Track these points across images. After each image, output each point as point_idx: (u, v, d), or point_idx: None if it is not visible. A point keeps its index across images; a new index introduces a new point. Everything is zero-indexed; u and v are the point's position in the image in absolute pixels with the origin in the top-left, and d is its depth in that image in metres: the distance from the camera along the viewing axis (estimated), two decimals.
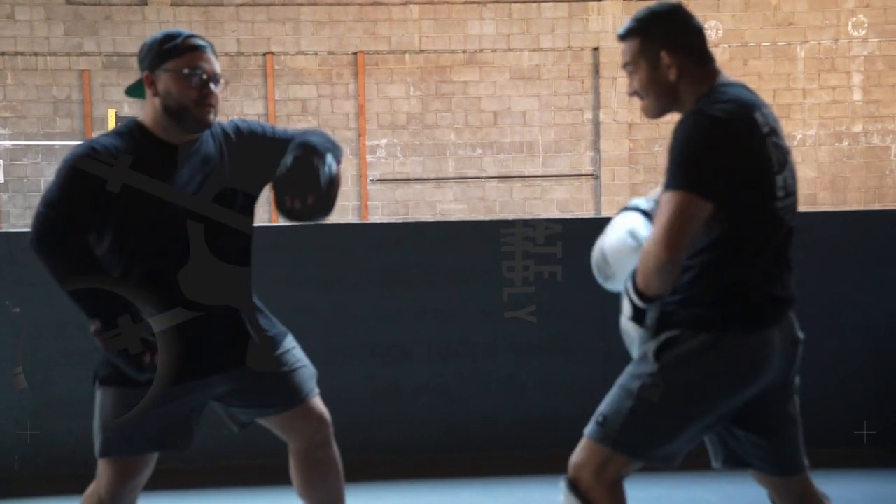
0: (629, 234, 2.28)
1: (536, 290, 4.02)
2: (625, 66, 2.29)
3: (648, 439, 2.18)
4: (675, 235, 2.02)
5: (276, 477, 3.83)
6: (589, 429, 2.24)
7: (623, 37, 2.27)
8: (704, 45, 2.25)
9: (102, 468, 2.40)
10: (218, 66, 2.40)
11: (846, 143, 11.64)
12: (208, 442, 3.41)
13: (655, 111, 2.28)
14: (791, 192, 2.21)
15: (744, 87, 2.24)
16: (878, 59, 11.60)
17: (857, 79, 11.62)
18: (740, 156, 2.09)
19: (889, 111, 11.64)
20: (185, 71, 2.31)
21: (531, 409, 4.08)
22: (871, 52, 11.61)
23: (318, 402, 2.66)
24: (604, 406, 2.24)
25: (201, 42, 2.37)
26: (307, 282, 4.04)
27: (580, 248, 4.01)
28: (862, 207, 11.18)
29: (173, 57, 2.32)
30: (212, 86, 2.35)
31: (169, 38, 2.35)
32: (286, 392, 2.57)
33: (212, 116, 2.38)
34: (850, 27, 11.56)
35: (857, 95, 11.62)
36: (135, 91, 2.45)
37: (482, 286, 4.06)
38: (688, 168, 2.07)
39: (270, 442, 2.87)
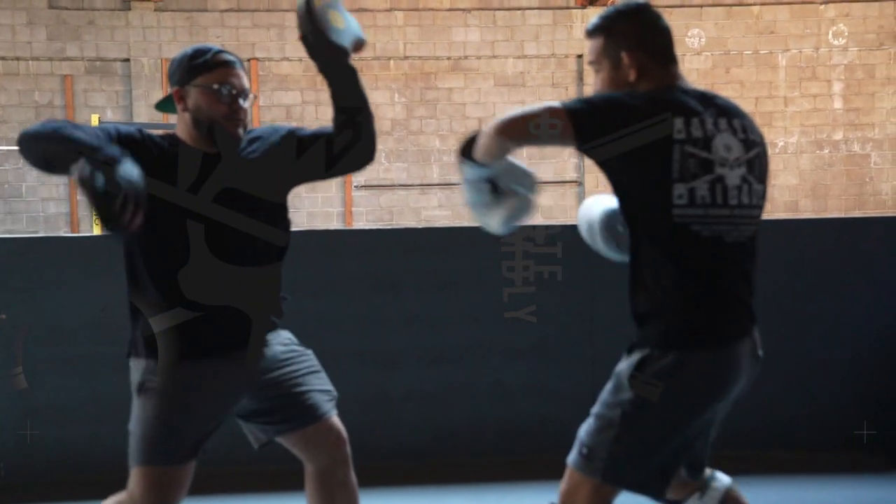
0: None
1: (534, 291, 4.04)
2: (590, 63, 2.28)
3: (637, 466, 2.14)
4: (518, 124, 2.11)
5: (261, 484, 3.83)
6: (573, 459, 2.19)
7: (590, 34, 2.26)
8: (669, 45, 2.22)
9: (141, 478, 2.33)
10: (247, 81, 2.42)
11: (827, 151, 11.75)
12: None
13: None
14: (711, 204, 2.10)
15: (699, 95, 2.18)
16: (857, 67, 11.73)
17: (837, 87, 11.74)
18: (634, 139, 2.06)
19: (869, 119, 11.77)
20: (215, 86, 2.33)
21: (519, 414, 4.09)
22: (850, 61, 11.74)
23: (337, 422, 2.63)
24: (585, 437, 2.18)
25: (230, 57, 2.39)
26: (295, 287, 4.02)
27: (574, 254, 4.04)
28: (842, 215, 11.29)
29: (203, 72, 2.34)
30: (241, 101, 2.37)
31: (199, 53, 2.36)
32: (303, 409, 2.55)
33: (241, 131, 2.39)
34: (830, 36, 11.69)
35: (838, 104, 11.74)
36: (165, 106, 2.45)
37: (470, 292, 4.07)
38: (583, 103, 2.09)
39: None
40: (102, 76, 11.16)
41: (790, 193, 11.75)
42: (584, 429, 2.21)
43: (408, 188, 11.65)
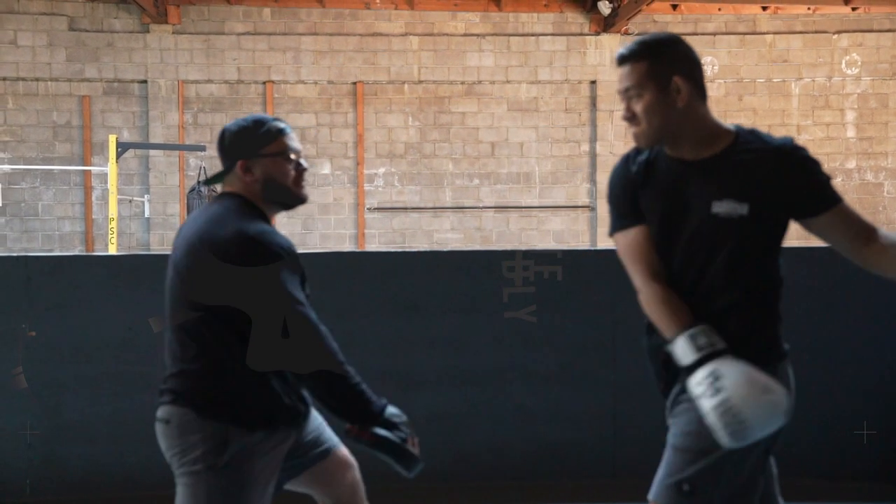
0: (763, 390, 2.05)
1: (538, 322, 4.05)
2: (626, 89, 2.18)
3: (741, 496, 2.14)
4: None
5: None
6: (667, 498, 2.12)
7: (626, 59, 2.18)
8: (704, 82, 2.23)
9: None
10: (300, 144, 2.51)
11: (840, 180, 11.77)
12: None
13: (651, 138, 2.18)
14: None
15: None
16: (870, 97, 11.78)
17: (850, 116, 11.78)
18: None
19: (881, 148, 11.80)
20: (283, 153, 2.40)
21: (541, 438, 4.09)
22: (863, 91, 11.78)
23: (345, 450, 2.67)
24: (679, 473, 2.12)
25: (286, 124, 2.47)
26: (318, 309, 4.05)
27: (584, 280, 4.06)
28: None
29: (268, 142, 2.41)
30: (303, 163, 2.46)
31: (259, 123, 2.42)
32: (319, 443, 2.59)
33: (306, 193, 2.49)
34: (843, 65, 11.74)
35: (851, 132, 11.78)
36: (217, 179, 2.49)
37: (493, 316, 4.08)
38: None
39: None
40: (120, 97, 11.27)
41: None
42: (677, 464, 2.14)
43: (420, 211, 11.70)
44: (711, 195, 2.13)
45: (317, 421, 2.62)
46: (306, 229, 11.61)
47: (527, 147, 11.74)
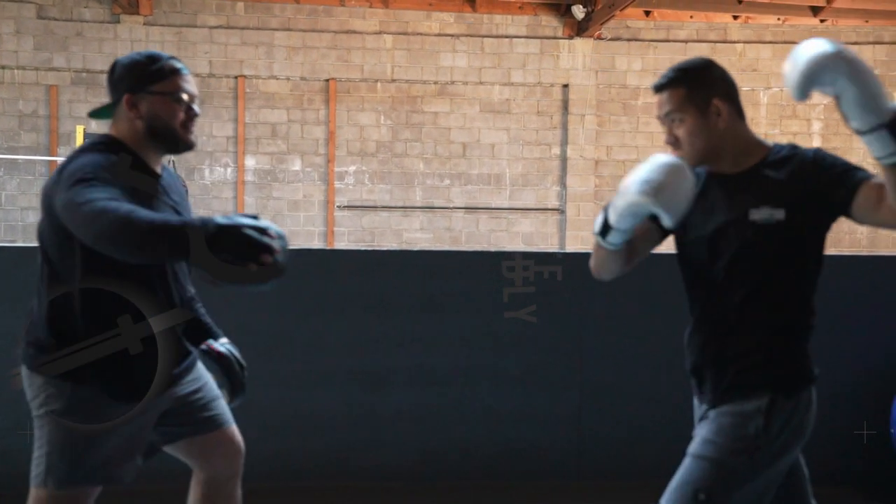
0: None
1: (504, 324, 4.06)
2: (666, 114, 2.26)
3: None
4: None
5: None
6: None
7: (664, 87, 2.26)
8: (740, 99, 2.30)
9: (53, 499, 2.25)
10: (196, 87, 2.42)
11: None
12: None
13: (695, 160, 2.26)
14: None
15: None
16: (836, 108, 11.92)
17: (816, 126, 11.95)
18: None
19: (846, 159, 11.95)
20: (173, 93, 2.31)
21: (508, 439, 4.10)
22: (830, 101, 11.91)
23: (237, 434, 2.63)
24: (699, 482, 2.14)
25: (181, 64, 2.38)
26: (285, 307, 4.03)
27: (551, 282, 4.08)
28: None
29: (159, 79, 2.31)
30: (195, 108, 2.37)
31: (153, 59, 2.33)
32: (208, 415, 2.55)
33: (194, 138, 2.40)
34: None
35: (817, 142, 11.95)
36: (103, 113, 2.38)
37: (461, 316, 4.09)
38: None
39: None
40: (88, 88, 11.12)
41: None
42: (695, 473, 2.16)
43: (390, 210, 11.68)
44: (748, 203, 2.20)
45: (207, 391, 2.57)
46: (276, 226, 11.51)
47: (498, 149, 11.77)
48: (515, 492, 4.00)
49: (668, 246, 2.54)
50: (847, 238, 11.98)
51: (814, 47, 1.98)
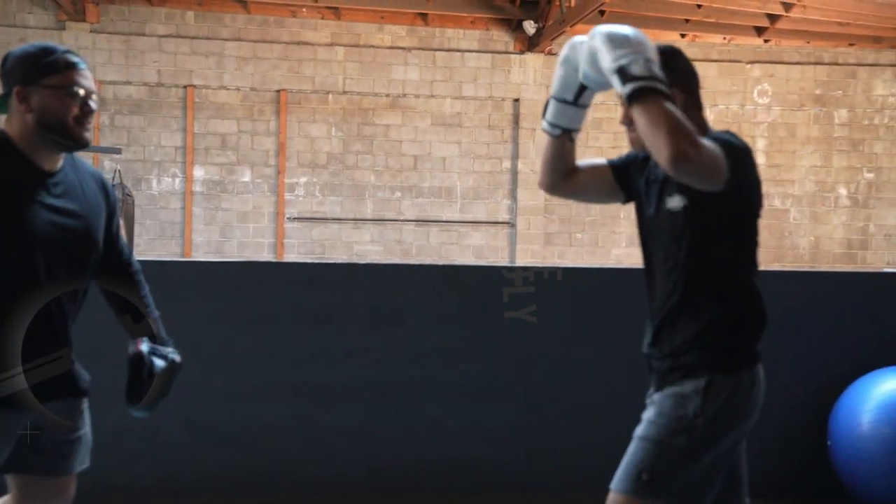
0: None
1: (453, 338, 4.07)
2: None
3: (699, 490, 2.21)
4: (713, 157, 2.05)
5: None
6: (628, 487, 2.20)
7: None
8: (699, 92, 2.35)
9: None
10: (94, 84, 2.35)
11: None
12: None
13: (643, 143, 2.25)
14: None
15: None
16: (780, 126, 12.22)
17: (761, 143, 12.20)
18: (758, 181, 2.28)
19: (789, 176, 12.24)
20: (66, 87, 2.25)
21: (455, 453, 4.11)
22: (774, 119, 12.22)
23: (73, 483, 2.48)
24: (642, 462, 2.19)
25: (78, 58, 2.31)
26: (232, 319, 4.00)
27: (501, 296, 4.10)
28: (763, 267, 11.66)
29: (53, 73, 2.24)
30: (91, 104, 2.30)
31: (47, 52, 2.26)
32: (60, 456, 2.41)
33: (88, 135, 2.32)
34: (755, 95, 12.17)
35: (761, 159, 12.19)
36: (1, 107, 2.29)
37: (409, 329, 4.09)
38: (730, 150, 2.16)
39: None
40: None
41: None
42: (638, 454, 2.22)
43: (341, 222, 11.63)
44: (666, 192, 2.29)
45: (76, 432, 2.44)
46: (224, 237, 11.43)
47: (449, 162, 11.81)
48: None
49: (612, 261, 2.57)
50: (790, 253, 12.24)
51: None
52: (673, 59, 2.30)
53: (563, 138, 2.44)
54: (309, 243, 11.58)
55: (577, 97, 2.35)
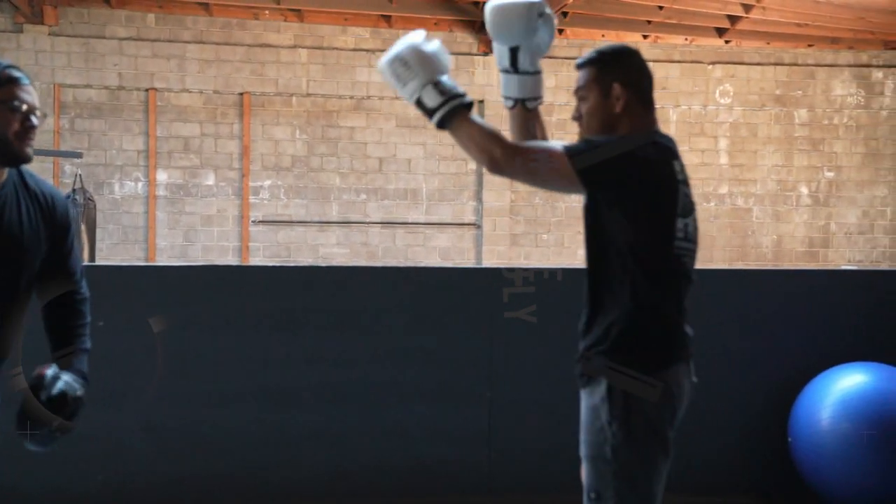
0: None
1: (413, 339, 4.06)
2: (577, 90, 2.43)
3: (642, 499, 2.24)
4: (531, 162, 2.18)
5: None
6: None
7: (581, 65, 2.43)
8: (651, 92, 2.44)
9: None
10: (37, 99, 2.33)
11: (713, 204, 12.28)
12: None
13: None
14: (691, 240, 2.38)
15: (671, 139, 2.43)
16: (741, 125, 12.35)
17: (723, 143, 12.32)
18: (651, 186, 2.25)
19: (751, 175, 12.38)
20: (6, 102, 2.23)
21: (418, 456, 4.09)
22: (735, 119, 12.35)
23: None
24: (588, 483, 2.26)
25: (21, 73, 2.29)
26: (193, 323, 3.96)
27: (461, 297, 4.09)
28: (727, 266, 11.80)
29: None
30: (33, 119, 2.28)
31: None
32: None
33: (30, 150, 2.30)
34: (717, 95, 12.29)
35: (724, 159, 12.32)
36: None
37: (372, 332, 4.07)
38: (591, 151, 2.21)
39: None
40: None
41: None
42: (585, 475, 2.28)
43: (306, 225, 11.57)
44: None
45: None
46: (188, 241, 11.31)
47: (414, 163, 11.79)
48: None
49: (578, 262, 2.58)
50: (753, 252, 12.38)
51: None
52: (620, 57, 2.40)
53: (519, 109, 2.48)
54: (274, 246, 11.50)
55: (513, 64, 2.44)
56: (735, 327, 4.35)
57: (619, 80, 2.35)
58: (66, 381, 2.32)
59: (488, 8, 2.41)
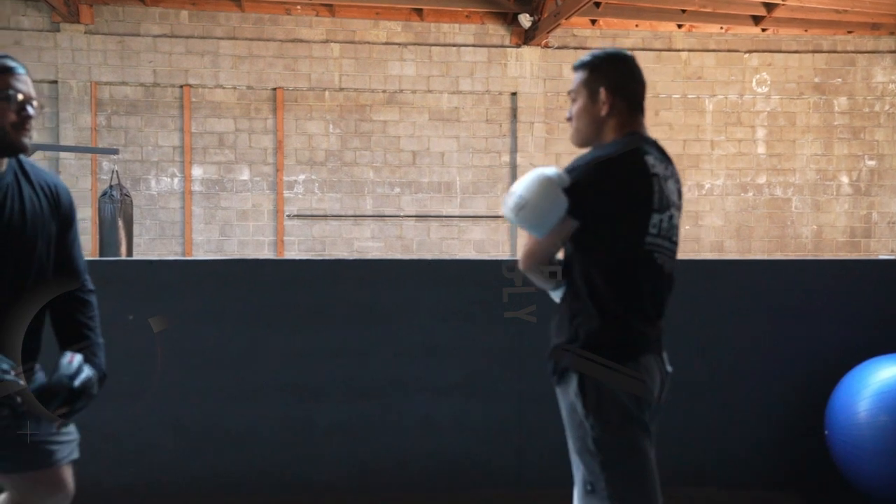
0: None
1: (438, 332, 4.03)
2: (569, 92, 2.53)
3: (635, 483, 2.31)
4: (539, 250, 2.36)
5: None
6: (582, 501, 2.36)
7: (576, 68, 2.51)
8: (641, 96, 2.48)
9: None
10: (34, 89, 2.32)
11: (751, 194, 12.10)
12: None
13: (579, 139, 2.51)
14: (666, 236, 2.40)
15: (654, 141, 2.47)
16: (779, 114, 12.15)
17: (760, 133, 12.13)
18: (619, 184, 2.33)
19: (790, 165, 12.17)
20: (3, 92, 2.22)
21: (445, 450, 4.06)
22: (773, 108, 12.15)
23: (65, 474, 2.45)
24: (582, 476, 2.35)
25: (16, 63, 2.28)
26: (218, 319, 3.96)
27: (490, 290, 4.06)
28: (765, 256, 11.62)
29: None
30: (29, 109, 2.27)
31: None
32: (43, 451, 2.38)
33: (27, 140, 2.28)
34: (754, 84, 12.10)
35: (761, 149, 12.13)
36: None
37: (398, 326, 4.05)
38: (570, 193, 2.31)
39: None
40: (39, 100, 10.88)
41: (716, 234, 12.05)
42: (575, 471, 2.40)
43: (340, 219, 11.60)
44: None
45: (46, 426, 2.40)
46: (224, 235, 11.41)
47: (448, 156, 11.76)
48: (454, 503, 3.96)
49: None
50: (793, 243, 12.18)
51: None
52: (610, 63, 2.47)
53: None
54: (309, 240, 11.56)
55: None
56: (771, 318, 4.27)
57: (606, 85, 2.43)
58: (87, 375, 2.33)
59: (516, 221, 2.42)
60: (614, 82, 2.44)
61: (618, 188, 2.32)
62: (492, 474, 4.08)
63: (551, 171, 2.37)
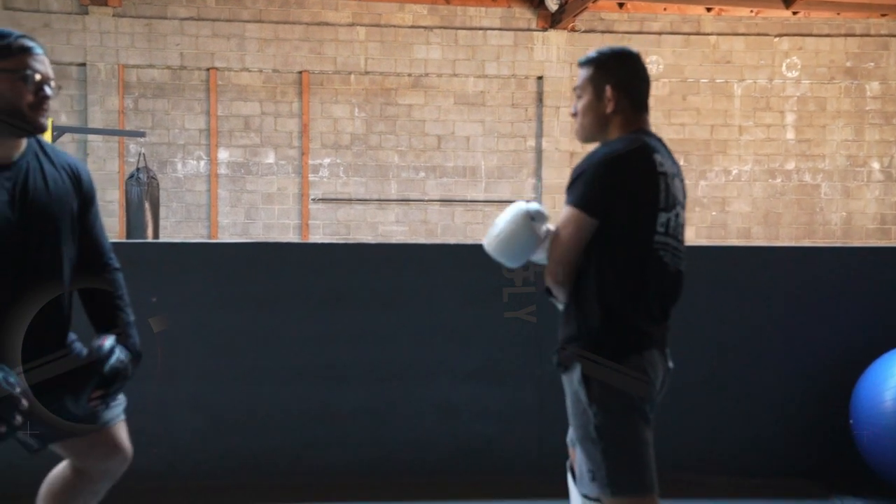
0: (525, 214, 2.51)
1: (458, 317, 4.02)
2: (575, 88, 2.56)
3: (635, 471, 2.35)
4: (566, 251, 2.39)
5: None
6: (588, 489, 2.40)
7: (582, 64, 2.54)
8: (646, 94, 2.51)
9: None
10: (51, 69, 2.30)
11: (779, 180, 11.96)
12: None
13: (584, 135, 2.55)
14: (672, 234, 2.42)
15: (660, 140, 2.51)
16: (809, 100, 11.98)
17: (790, 118, 11.97)
18: (629, 181, 2.35)
19: (819, 151, 12.02)
20: (19, 71, 2.20)
21: (465, 434, 4.07)
22: (803, 94, 11.98)
23: (118, 433, 2.49)
24: (585, 464, 2.39)
25: (34, 43, 2.26)
26: (241, 301, 3.98)
27: (505, 274, 4.04)
28: (793, 243, 11.49)
29: (5, 57, 2.20)
30: (46, 89, 2.26)
31: (0, 36, 2.23)
32: (89, 415, 2.41)
33: (44, 120, 2.27)
34: (784, 68, 11.93)
35: (790, 134, 11.97)
36: None
37: (418, 310, 4.05)
38: (583, 189, 2.36)
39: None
40: (57, 80, 10.96)
41: (743, 220, 11.94)
42: (577, 459, 2.44)
43: (365, 203, 11.62)
44: None
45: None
46: (249, 219, 11.47)
47: (473, 141, 11.73)
48: (474, 488, 3.97)
49: None
50: (821, 229, 12.03)
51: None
52: (616, 61, 2.50)
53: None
54: (334, 224, 11.59)
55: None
56: (796, 305, 4.22)
57: (612, 82, 2.45)
58: (119, 357, 2.36)
59: (489, 249, 2.56)
60: (620, 80, 2.47)
61: (629, 186, 2.34)
62: (512, 460, 4.08)
63: (533, 206, 2.48)
